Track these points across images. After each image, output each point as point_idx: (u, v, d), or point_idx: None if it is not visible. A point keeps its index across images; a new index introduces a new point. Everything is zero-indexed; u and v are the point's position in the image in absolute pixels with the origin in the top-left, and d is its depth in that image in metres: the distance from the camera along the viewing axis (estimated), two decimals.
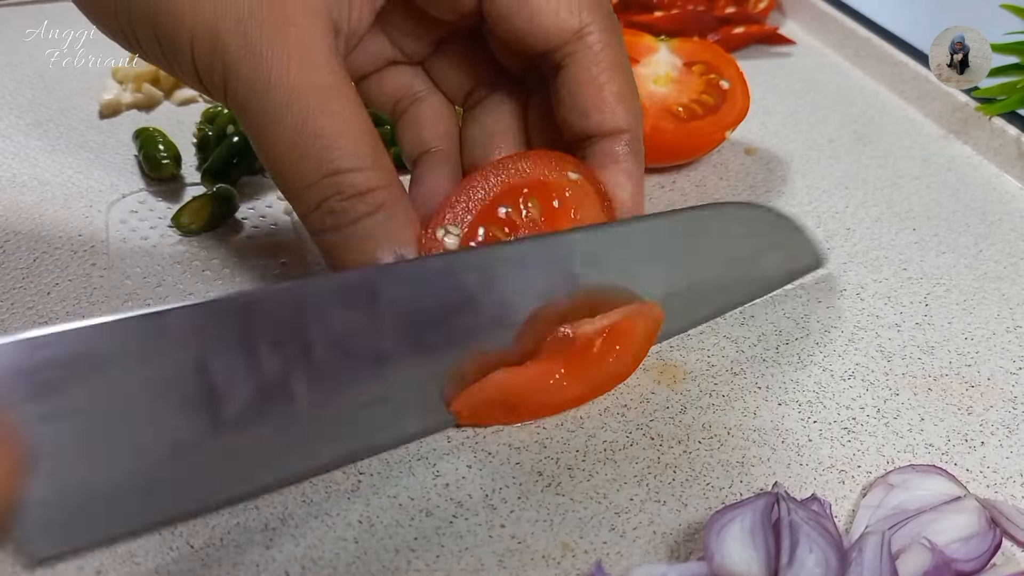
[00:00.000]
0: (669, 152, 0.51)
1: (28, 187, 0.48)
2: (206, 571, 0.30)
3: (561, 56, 0.36)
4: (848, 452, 0.35)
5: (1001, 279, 0.44)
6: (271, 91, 0.31)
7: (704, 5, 0.67)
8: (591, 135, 0.37)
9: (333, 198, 0.32)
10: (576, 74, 0.36)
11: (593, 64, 0.35)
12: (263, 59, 0.30)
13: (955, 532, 0.31)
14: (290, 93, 0.31)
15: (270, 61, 0.30)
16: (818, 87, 0.61)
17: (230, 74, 0.31)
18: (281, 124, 0.31)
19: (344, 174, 0.32)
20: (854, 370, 0.39)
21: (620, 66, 0.36)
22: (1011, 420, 0.36)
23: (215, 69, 0.31)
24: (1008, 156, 0.52)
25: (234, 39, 0.30)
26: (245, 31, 0.30)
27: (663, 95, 0.51)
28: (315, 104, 0.31)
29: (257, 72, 0.31)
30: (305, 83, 0.31)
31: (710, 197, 0.49)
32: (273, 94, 0.31)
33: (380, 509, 0.32)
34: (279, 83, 0.31)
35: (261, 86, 0.31)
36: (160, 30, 0.31)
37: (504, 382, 0.34)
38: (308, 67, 0.31)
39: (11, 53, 0.60)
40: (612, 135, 0.36)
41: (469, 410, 0.34)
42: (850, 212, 0.49)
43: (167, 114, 0.55)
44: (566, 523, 0.32)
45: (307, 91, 0.31)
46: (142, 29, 0.32)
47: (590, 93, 0.36)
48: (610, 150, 0.37)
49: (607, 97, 0.36)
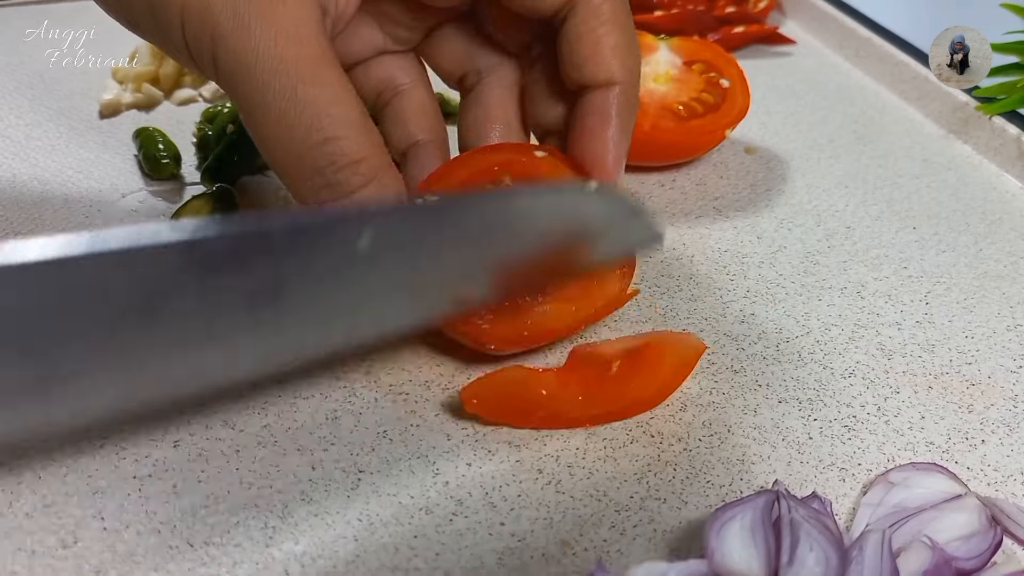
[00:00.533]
0: (669, 150, 0.51)
1: (28, 187, 0.48)
2: (206, 571, 0.30)
3: (564, 13, 0.36)
4: (849, 450, 0.35)
5: (1001, 278, 0.44)
6: (259, 63, 0.31)
7: (704, 5, 0.67)
8: (585, 86, 0.37)
9: (327, 168, 0.32)
10: (575, 27, 0.36)
11: (592, 17, 0.36)
12: (251, 32, 0.31)
13: (956, 530, 0.31)
14: (278, 63, 0.31)
15: (258, 35, 0.31)
16: (818, 87, 0.61)
17: (219, 48, 0.31)
18: (270, 94, 0.31)
19: (335, 141, 0.32)
20: (855, 368, 0.38)
21: (619, 21, 0.37)
22: (1011, 418, 0.36)
23: (203, 43, 0.32)
24: (1008, 155, 0.52)
25: (224, 13, 0.31)
26: (234, 5, 0.31)
27: (663, 93, 0.50)
28: (304, 74, 0.31)
29: (245, 45, 0.31)
30: (293, 55, 0.31)
31: (710, 196, 0.49)
32: (261, 65, 0.31)
33: (380, 507, 0.32)
34: (267, 54, 0.31)
35: (250, 59, 0.31)
36: (155, 3, 0.32)
37: (521, 378, 0.34)
38: (295, 40, 0.31)
39: (11, 53, 0.60)
40: (604, 87, 0.37)
41: (481, 400, 0.34)
42: (850, 211, 0.49)
43: (167, 114, 0.55)
44: (566, 521, 0.32)
45: (295, 62, 0.31)
46: (138, 2, 0.32)
47: (587, 45, 0.36)
48: (600, 103, 0.37)
49: (603, 49, 0.36)
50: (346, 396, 0.36)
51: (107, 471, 0.33)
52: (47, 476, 0.33)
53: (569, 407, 0.35)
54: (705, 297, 0.42)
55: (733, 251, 0.45)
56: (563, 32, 0.37)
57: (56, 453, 0.33)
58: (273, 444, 0.34)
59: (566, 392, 0.35)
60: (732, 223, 0.47)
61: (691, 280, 0.43)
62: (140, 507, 0.32)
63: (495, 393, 0.34)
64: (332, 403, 0.36)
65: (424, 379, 0.37)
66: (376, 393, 0.36)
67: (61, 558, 0.30)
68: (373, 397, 0.36)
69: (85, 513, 0.31)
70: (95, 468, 0.33)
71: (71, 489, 0.32)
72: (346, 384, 0.37)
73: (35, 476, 0.33)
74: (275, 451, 0.34)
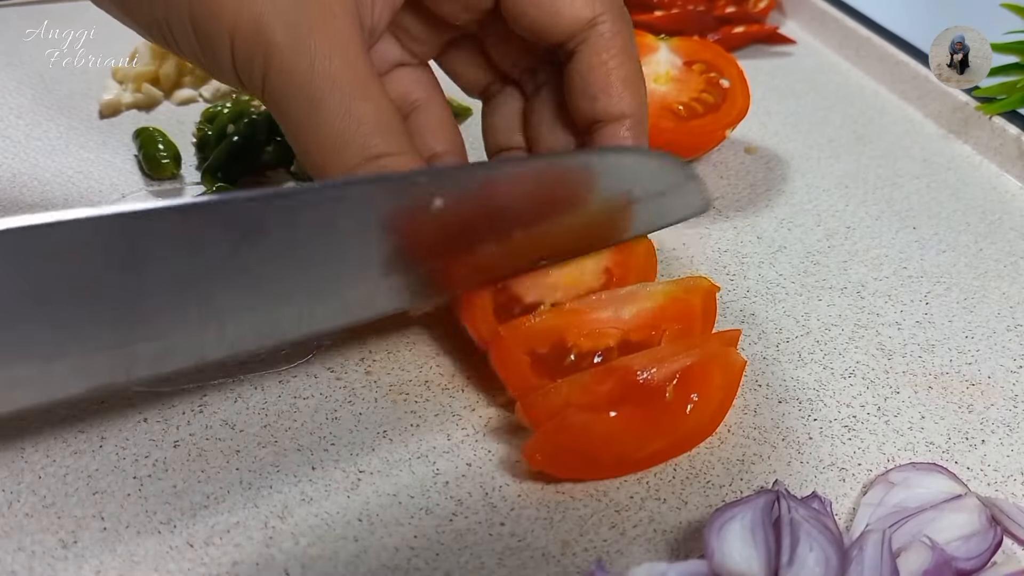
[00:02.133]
0: (671, 150, 0.50)
1: (28, 187, 0.48)
2: (206, 571, 0.30)
3: (574, 44, 0.37)
4: (849, 450, 0.35)
5: (1001, 277, 0.44)
6: (314, 80, 0.32)
7: (704, 5, 0.67)
8: (598, 119, 0.37)
9: None
10: (587, 59, 0.37)
11: (604, 50, 0.37)
12: (306, 47, 0.32)
13: (956, 530, 0.31)
14: (332, 81, 0.32)
15: (313, 51, 0.32)
16: (818, 87, 0.61)
17: (271, 64, 0.32)
18: (324, 112, 0.32)
19: (385, 158, 0.33)
20: (855, 368, 0.38)
21: (629, 53, 0.37)
22: (1011, 418, 0.36)
23: (255, 61, 0.32)
24: (1008, 155, 0.52)
25: (278, 28, 0.31)
26: (288, 23, 0.32)
27: (663, 93, 0.50)
28: (356, 91, 0.32)
29: (300, 60, 0.32)
30: (346, 72, 0.32)
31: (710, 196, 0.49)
32: (317, 83, 0.32)
33: (380, 507, 0.32)
34: (323, 70, 0.32)
35: (304, 76, 0.32)
36: (198, 22, 0.32)
37: (583, 425, 0.32)
38: (347, 57, 0.32)
39: (11, 53, 0.60)
40: (617, 120, 0.37)
41: (544, 456, 0.32)
42: (850, 211, 0.49)
43: (167, 114, 0.55)
44: (566, 521, 0.32)
45: (348, 80, 0.32)
46: (178, 21, 0.32)
47: (599, 77, 0.37)
48: (614, 134, 0.37)
49: (614, 81, 0.37)
50: (346, 396, 0.36)
51: (107, 471, 0.33)
52: (47, 476, 0.33)
53: (632, 447, 0.33)
54: None
55: (733, 251, 0.45)
56: (574, 63, 0.37)
57: (56, 453, 0.33)
58: (273, 444, 0.34)
59: (627, 432, 0.33)
60: (732, 223, 0.47)
61: None
62: (140, 507, 0.32)
63: (557, 446, 0.32)
64: (332, 403, 0.36)
65: (424, 379, 0.37)
66: (376, 393, 0.36)
67: (61, 558, 0.30)
68: (373, 397, 0.36)
69: (85, 513, 0.31)
70: (95, 468, 0.33)
71: (71, 489, 0.32)
72: (346, 384, 0.37)
73: (35, 476, 0.33)
74: (275, 451, 0.34)
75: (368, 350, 0.38)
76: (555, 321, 0.35)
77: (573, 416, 0.32)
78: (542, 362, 0.35)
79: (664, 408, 0.33)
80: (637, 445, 0.33)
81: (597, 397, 0.33)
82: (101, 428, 0.34)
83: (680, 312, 0.36)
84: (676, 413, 0.33)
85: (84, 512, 0.31)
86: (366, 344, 0.38)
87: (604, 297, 0.36)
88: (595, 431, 0.32)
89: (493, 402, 0.36)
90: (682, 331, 0.36)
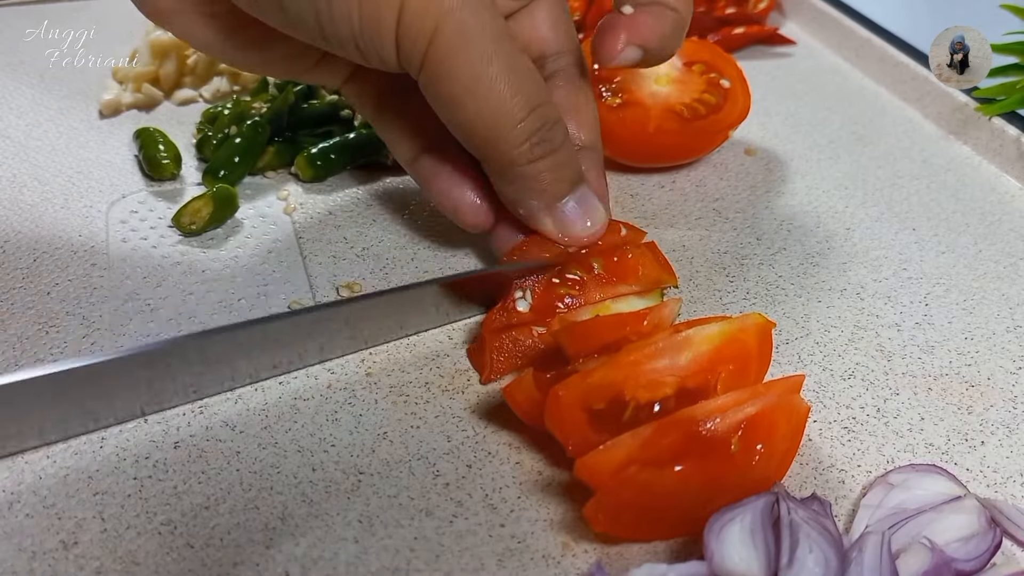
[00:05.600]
0: (674, 151, 0.51)
1: (28, 187, 0.48)
2: (206, 571, 0.30)
3: None
4: (848, 451, 0.35)
5: (1001, 279, 0.44)
6: (485, 39, 0.34)
7: (704, 5, 0.67)
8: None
9: (542, 129, 0.37)
10: None
11: None
12: (478, 8, 0.34)
13: (955, 532, 0.31)
14: (499, 38, 0.35)
15: (481, 10, 0.34)
16: (818, 87, 0.61)
17: (443, 28, 0.34)
18: (496, 65, 0.35)
19: (545, 105, 0.37)
20: (854, 369, 0.39)
21: None
22: (1011, 420, 0.36)
23: (425, 25, 0.34)
24: (1008, 156, 0.52)
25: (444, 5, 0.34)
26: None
27: (665, 95, 0.50)
28: (515, 47, 0.36)
29: (477, 19, 0.34)
30: (503, 31, 0.35)
31: (710, 197, 0.49)
32: (486, 43, 0.34)
33: (380, 509, 0.32)
34: (494, 29, 0.35)
35: (477, 33, 0.34)
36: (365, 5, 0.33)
37: (647, 482, 0.30)
38: (498, 19, 0.35)
39: (11, 53, 0.60)
40: None
41: (606, 516, 0.30)
42: (850, 212, 0.49)
43: (167, 114, 0.55)
44: (566, 522, 0.32)
45: (507, 37, 0.35)
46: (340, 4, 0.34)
47: None
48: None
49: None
50: (346, 398, 0.36)
51: (108, 472, 0.33)
52: (48, 477, 0.33)
53: (697, 503, 0.31)
54: (705, 299, 0.42)
55: (733, 252, 0.45)
56: None
57: (57, 454, 0.33)
58: (273, 446, 0.34)
59: (692, 486, 0.31)
60: (732, 224, 0.47)
61: (691, 282, 0.43)
62: (141, 508, 0.32)
63: (620, 505, 0.31)
64: (332, 405, 0.36)
65: (424, 380, 0.37)
66: (376, 395, 0.36)
67: (61, 559, 0.30)
68: (373, 399, 0.36)
69: (86, 514, 0.31)
70: (96, 469, 0.33)
71: (72, 490, 0.32)
72: (346, 386, 0.37)
73: (36, 477, 0.33)
74: (275, 453, 0.34)
75: (368, 351, 0.38)
76: (612, 375, 0.32)
77: (637, 473, 0.30)
78: (600, 418, 0.33)
79: (730, 460, 0.31)
80: (703, 500, 0.31)
81: (660, 451, 0.31)
82: (101, 429, 0.34)
83: (736, 353, 0.34)
84: (742, 465, 0.31)
85: (85, 513, 0.31)
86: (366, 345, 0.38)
87: (661, 345, 0.33)
88: (660, 487, 0.30)
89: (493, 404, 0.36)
90: (737, 371, 0.34)
